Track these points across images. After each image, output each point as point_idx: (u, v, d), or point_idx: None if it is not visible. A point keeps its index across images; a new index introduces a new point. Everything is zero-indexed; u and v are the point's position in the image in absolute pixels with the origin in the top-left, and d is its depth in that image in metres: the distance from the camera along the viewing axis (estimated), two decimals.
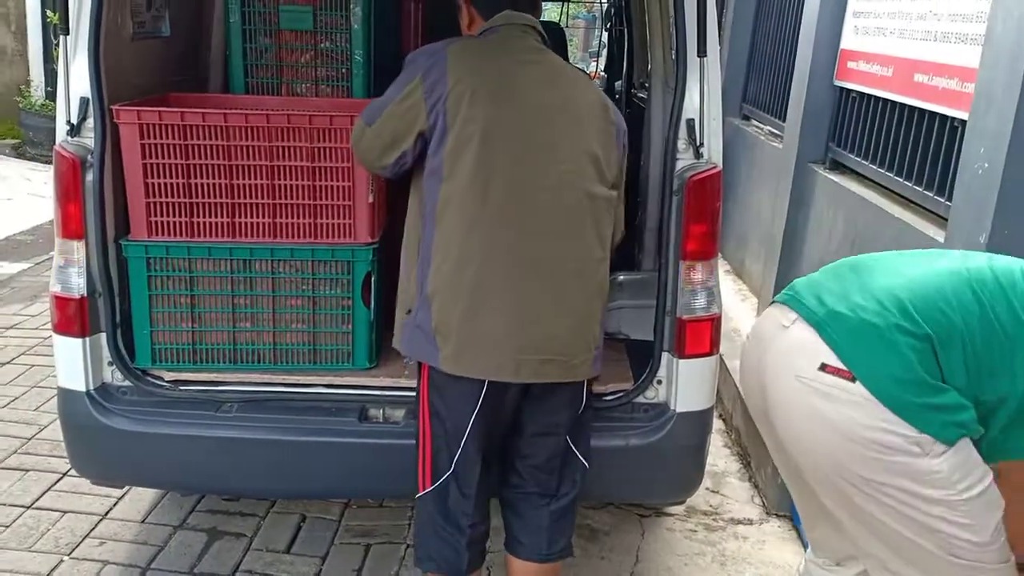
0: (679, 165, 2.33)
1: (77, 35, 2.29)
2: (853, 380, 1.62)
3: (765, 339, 1.84)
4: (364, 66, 2.78)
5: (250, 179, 2.40)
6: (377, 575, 2.74)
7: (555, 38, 3.20)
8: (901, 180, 3.32)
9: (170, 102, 2.63)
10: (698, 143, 2.31)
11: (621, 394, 2.47)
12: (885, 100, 3.50)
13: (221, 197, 2.41)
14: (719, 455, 3.58)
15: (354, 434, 2.39)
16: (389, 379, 2.51)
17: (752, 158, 5.41)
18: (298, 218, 2.44)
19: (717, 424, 3.84)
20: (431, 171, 2.04)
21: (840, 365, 1.64)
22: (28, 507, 2.96)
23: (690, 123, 2.31)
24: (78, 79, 2.30)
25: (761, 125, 5.61)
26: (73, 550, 2.75)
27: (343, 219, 2.44)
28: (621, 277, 2.83)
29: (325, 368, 2.54)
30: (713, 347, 2.41)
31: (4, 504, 2.97)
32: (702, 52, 2.23)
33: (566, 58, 2.09)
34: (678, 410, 2.41)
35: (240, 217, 2.43)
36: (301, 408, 2.45)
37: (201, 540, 2.86)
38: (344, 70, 2.79)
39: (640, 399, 2.45)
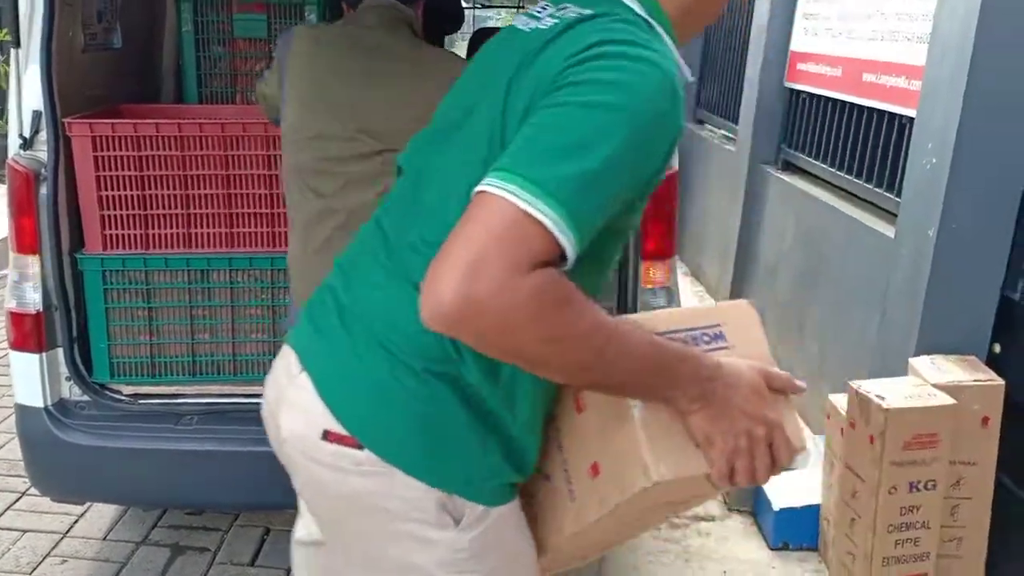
0: None
1: (28, 48, 2.26)
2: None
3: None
4: None
5: (205, 189, 2.39)
6: None
7: None
8: (851, 178, 3.39)
9: (123, 113, 2.61)
10: None
11: None
12: (835, 100, 3.57)
13: (177, 208, 2.39)
14: None
15: None
16: None
17: (707, 161, 5.49)
18: (255, 227, 2.43)
19: None
20: None
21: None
22: (25, 531, 2.90)
23: None
24: (30, 92, 2.27)
25: (715, 129, 5.70)
26: (34, 569, 2.70)
27: None
28: None
29: None
30: None
31: (4, 529, 2.92)
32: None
33: None
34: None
35: (196, 228, 2.41)
36: (258, 419, 2.43)
37: (164, 555, 2.83)
38: None
39: None
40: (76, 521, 2.96)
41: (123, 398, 2.44)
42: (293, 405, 1.21)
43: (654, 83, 1.00)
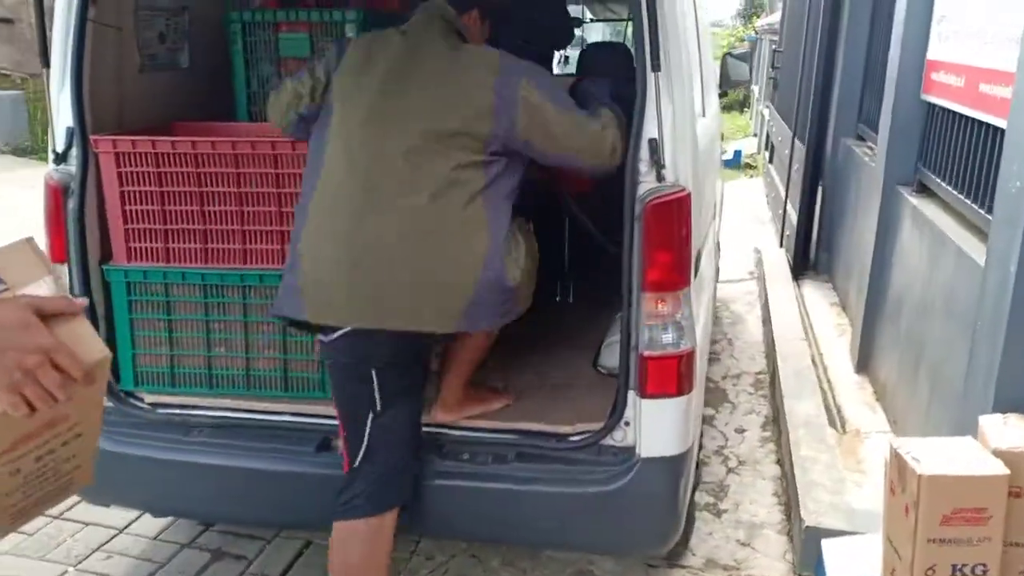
0: (640, 189, 2.15)
1: (64, 68, 2.40)
2: None
3: None
4: None
5: (220, 206, 2.43)
6: None
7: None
8: (971, 204, 2.94)
9: (175, 130, 2.71)
10: (660, 164, 2.13)
11: (588, 435, 2.30)
12: (957, 114, 3.12)
13: (194, 223, 2.45)
14: (763, 504, 3.28)
15: (310, 464, 2.35)
16: None
17: (858, 181, 5.00)
18: (267, 244, 2.44)
19: (771, 470, 3.54)
20: None
21: None
22: (56, 518, 3.11)
23: (652, 143, 2.13)
24: (64, 110, 2.41)
25: (873, 145, 5.18)
26: (80, 562, 2.87)
27: None
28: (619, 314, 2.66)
29: (295, 396, 2.52)
30: (682, 387, 2.20)
31: None
32: (655, 67, 2.06)
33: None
34: (643, 455, 2.21)
35: (212, 243, 2.46)
36: (266, 435, 2.45)
37: (203, 560, 2.91)
38: None
39: (608, 441, 2.27)
40: (137, 518, 3.11)
41: (144, 406, 2.53)
42: None
43: None
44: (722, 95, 4.77)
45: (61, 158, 2.42)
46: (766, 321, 5.15)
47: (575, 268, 3.66)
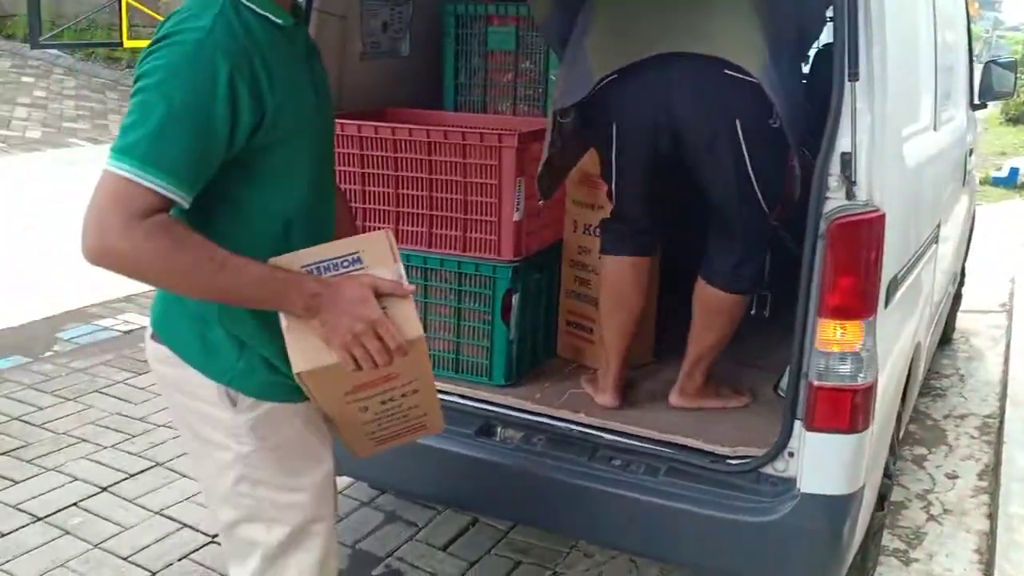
0: (828, 206, 2.00)
1: None
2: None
3: None
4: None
5: (412, 190, 2.54)
6: None
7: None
8: None
9: (386, 116, 2.86)
10: (852, 180, 1.96)
11: (748, 460, 2.19)
12: None
13: (389, 205, 2.58)
14: (960, 559, 2.96)
15: (467, 446, 2.41)
16: (516, 400, 2.49)
17: None
18: (450, 230, 2.52)
19: (979, 524, 3.19)
20: None
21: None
22: None
23: (844, 157, 1.97)
24: None
25: None
26: None
27: (488, 235, 2.48)
28: None
29: (465, 379, 2.59)
30: (856, 423, 2.03)
31: None
32: (852, 75, 1.90)
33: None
34: (803, 489, 2.07)
35: (403, 225, 2.58)
36: None
37: (377, 519, 3.07)
38: (540, 90, 2.83)
39: (768, 470, 2.15)
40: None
41: None
42: None
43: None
44: (980, 106, 4.29)
45: None
46: (1008, 360, 4.63)
47: (775, 281, 3.48)
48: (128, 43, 6.07)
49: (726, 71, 2.21)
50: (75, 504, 3.05)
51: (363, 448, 1.75)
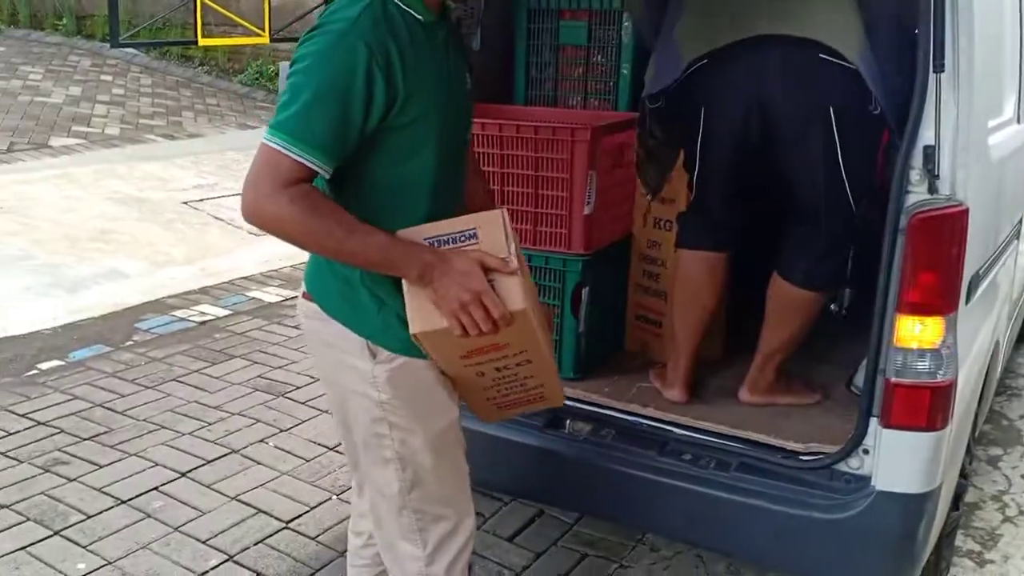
0: (909, 200, 1.96)
1: None
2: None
3: None
4: (630, 81, 2.78)
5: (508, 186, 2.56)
6: None
7: None
8: None
9: None
10: (935, 174, 1.93)
11: (821, 457, 2.16)
12: None
13: None
14: None
15: (536, 437, 2.42)
16: (584, 392, 2.50)
17: None
18: (521, 223, 2.54)
19: None
20: None
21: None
22: (330, 449, 3.47)
23: (927, 150, 1.93)
24: None
25: None
26: (342, 492, 3.19)
27: (559, 228, 2.50)
28: None
29: None
30: (934, 422, 2.00)
31: (314, 443, 3.53)
32: (937, 67, 1.86)
33: None
34: (878, 487, 2.04)
35: None
36: None
37: None
38: (611, 83, 2.82)
39: (842, 467, 2.12)
40: None
41: None
42: None
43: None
44: None
45: None
46: None
47: (855, 275, 3.41)
48: (202, 41, 6.24)
49: (821, 55, 2.18)
50: (156, 488, 3.15)
51: (487, 414, 1.90)
